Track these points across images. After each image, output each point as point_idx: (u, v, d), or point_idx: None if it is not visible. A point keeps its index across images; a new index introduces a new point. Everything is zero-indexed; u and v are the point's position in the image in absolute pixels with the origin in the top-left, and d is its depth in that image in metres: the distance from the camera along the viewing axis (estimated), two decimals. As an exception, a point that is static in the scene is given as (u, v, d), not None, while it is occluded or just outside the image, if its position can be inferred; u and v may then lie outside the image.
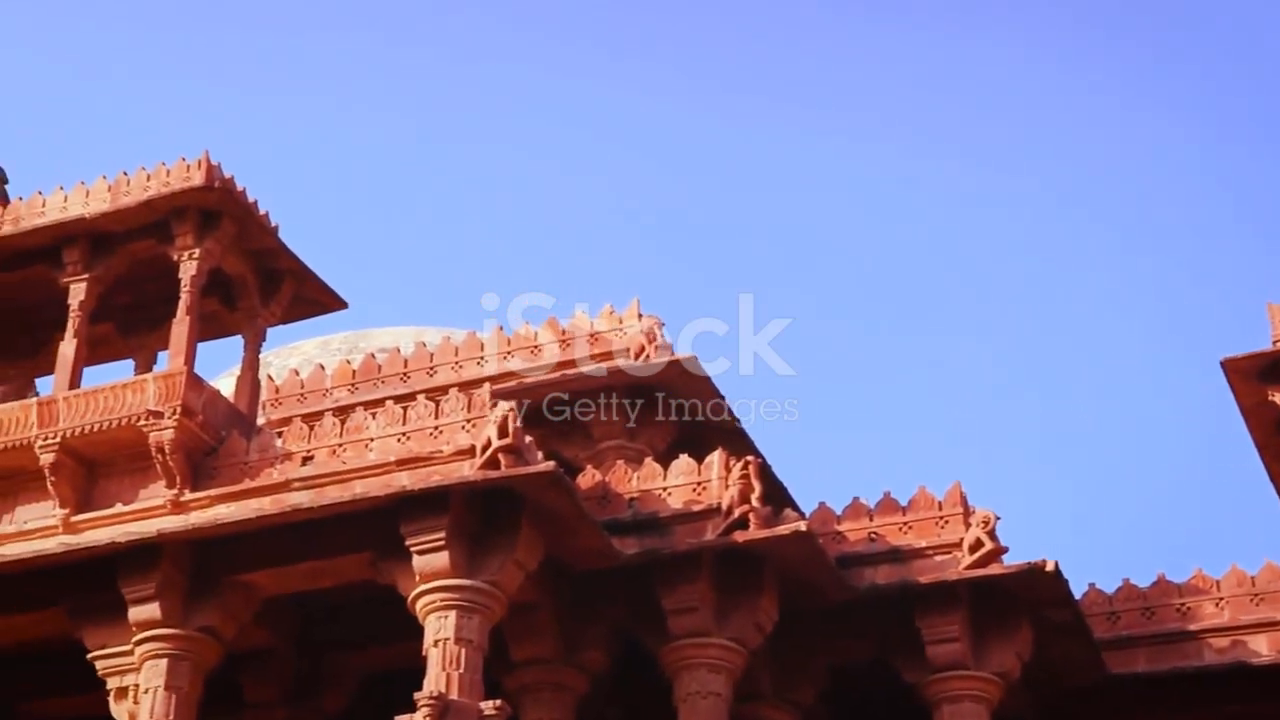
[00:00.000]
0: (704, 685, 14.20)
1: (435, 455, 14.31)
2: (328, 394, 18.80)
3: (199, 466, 15.25)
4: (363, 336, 22.41)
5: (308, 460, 14.87)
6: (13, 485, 15.67)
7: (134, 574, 14.17)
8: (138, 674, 14.15)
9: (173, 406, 15.06)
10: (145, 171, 16.06)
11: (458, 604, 13.41)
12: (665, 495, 14.92)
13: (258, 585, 14.42)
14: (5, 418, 15.58)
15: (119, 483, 15.50)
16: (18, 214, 16.44)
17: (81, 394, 15.52)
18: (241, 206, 16.00)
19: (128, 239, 16.17)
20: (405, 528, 13.60)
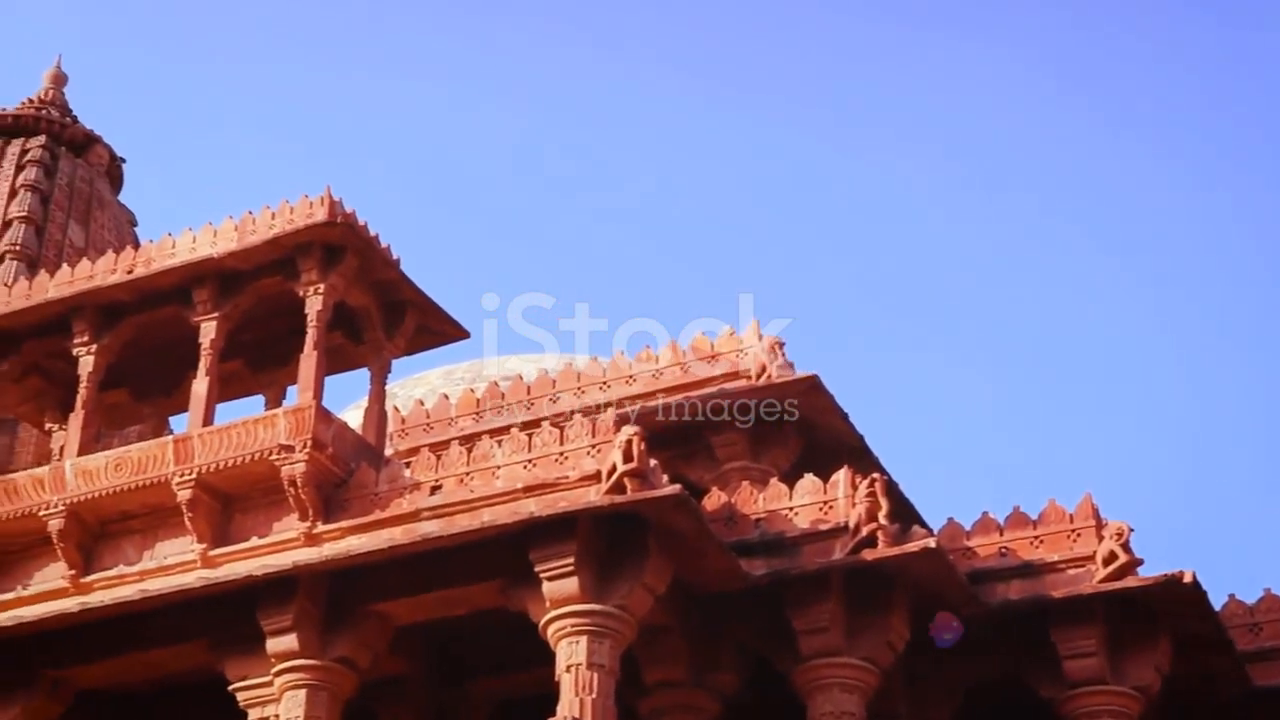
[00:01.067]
0: (837, 705, 14.12)
1: (561, 481, 14.40)
2: (453, 423, 19.01)
3: (330, 498, 15.46)
4: (486, 365, 22.61)
5: (436, 489, 15.03)
6: (152, 522, 15.98)
7: (271, 606, 14.41)
8: (278, 704, 14.37)
9: (303, 440, 15.28)
10: (270, 210, 16.35)
11: (588, 629, 13.48)
12: (792, 515, 14.89)
13: (391, 615, 14.59)
14: (143, 456, 15.90)
15: (254, 516, 15.74)
16: (149, 256, 16.80)
17: (215, 430, 15.79)
18: (363, 240, 16.22)
19: (255, 276, 16.43)
20: (534, 554, 13.70)
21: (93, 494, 15.96)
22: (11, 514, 16.21)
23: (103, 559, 16.10)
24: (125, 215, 28.40)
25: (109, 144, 28.61)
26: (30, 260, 25.74)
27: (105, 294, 16.77)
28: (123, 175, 29.04)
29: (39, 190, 26.70)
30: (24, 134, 27.70)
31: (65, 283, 17.11)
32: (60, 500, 15.99)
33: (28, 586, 16.16)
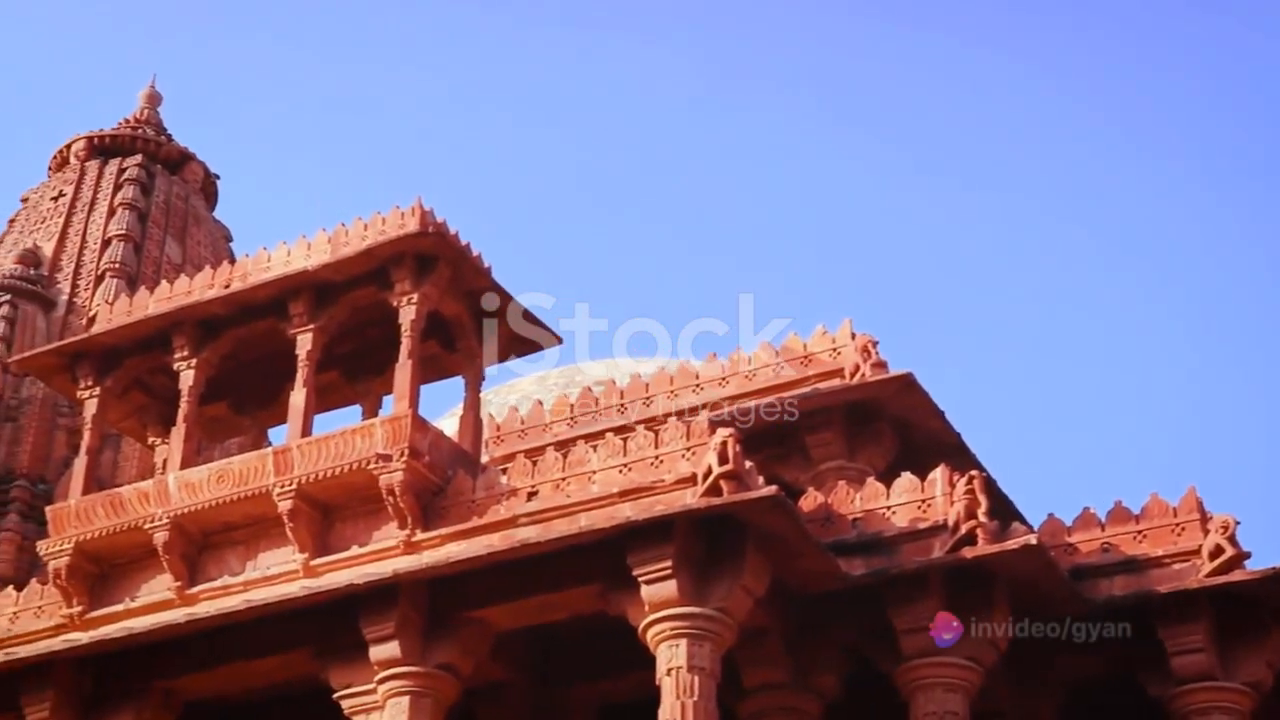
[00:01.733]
0: (941, 705, 14.00)
1: (657, 485, 14.39)
2: (548, 429, 19.07)
3: (428, 506, 15.55)
4: (578, 370, 22.65)
5: (532, 495, 15.07)
6: (254, 532, 16.16)
7: (373, 614, 14.52)
8: (382, 712, 14.48)
9: (400, 449, 15.38)
10: (362, 221, 16.48)
11: (688, 632, 13.47)
12: (889, 514, 14.79)
13: (491, 621, 14.66)
14: (244, 468, 16.09)
15: (353, 525, 15.87)
16: (245, 270, 16.99)
17: (313, 441, 15.94)
18: (455, 250, 16.30)
19: (349, 288, 16.55)
20: (632, 558, 13.70)
21: (196, 506, 16.18)
22: (118, 527, 16.46)
23: (207, 570, 16.31)
24: (220, 231, 28.81)
25: (203, 161, 29.06)
26: (130, 278, 26.19)
27: (203, 309, 16.99)
28: (217, 191, 29.47)
29: (137, 208, 27.15)
30: (121, 153, 28.19)
31: (164, 299, 17.35)
32: (165, 513, 16.22)
33: (135, 598, 16.40)
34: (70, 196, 27.39)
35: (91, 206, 27.24)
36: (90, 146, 28.23)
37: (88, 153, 28.12)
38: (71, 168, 28.02)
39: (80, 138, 28.37)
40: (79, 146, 28.24)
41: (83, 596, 16.54)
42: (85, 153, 28.10)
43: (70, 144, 28.46)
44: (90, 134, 28.36)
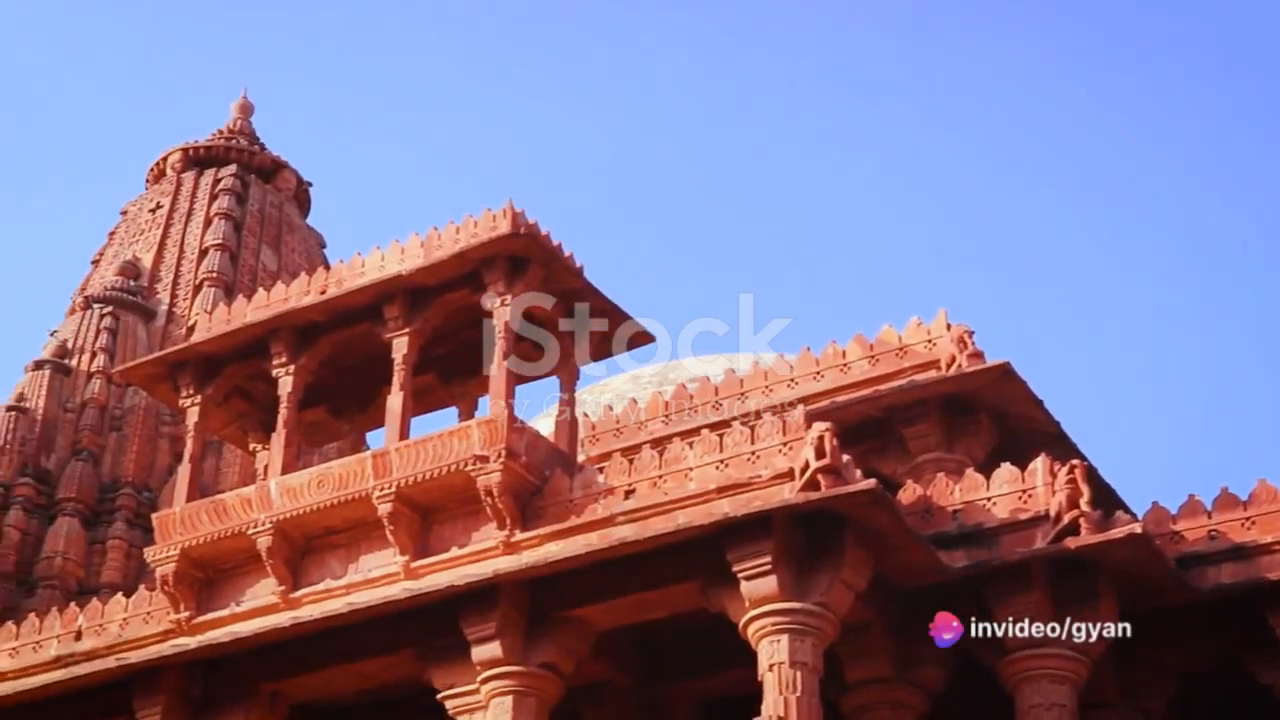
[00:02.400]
0: (1047, 697, 13.84)
1: (754, 480, 14.35)
2: (643, 427, 19.09)
3: (526, 507, 15.60)
4: (672, 368, 22.64)
5: (630, 494, 15.08)
6: (355, 535, 16.29)
7: (474, 615, 14.60)
8: (485, 712, 14.56)
9: (497, 450, 15.44)
10: (454, 225, 16.56)
11: (789, 627, 13.42)
12: (990, 505, 14.65)
13: (591, 620, 14.69)
14: (344, 472, 16.22)
15: (452, 527, 15.95)
16: (340, 276, 17.13)
17: (411, 444, 16.04)
18: (547, 250, 16.33)
19: (443, 291, 16.64)
20: (731, 554, 13.68)
21: (297, 511, 16.33)
22: (222, 533, 16.66)
23: (310, 574, 16.47)
24: (314, 237, 29.13)
25: (295, 169, 29.38)
26: (227, 286, 26.55)
27: (300, 315, 17.15)
28: (309, 198, 29.79)
29: (232, 218, 27.52)
30: (216, 164, 28.59)
31: (261, 306, 17.53)
32: (267, 518, 16.39)
33: (241, 603, 16.60)
34: (167, 208, 27.80)
35: (188, 217, 27.64)
36: (186, 158, 28.65)
37: (183, 164, 28.53)
38: (168, 179, 28.44)
39: (176, 150, 28.80)
40: (175, 158, 28.67)
41: (190, 602, 16.76)
42: (181, 164, 28.53)
43: (166, 156, 28.90)
44: (185, 146, 28.78)
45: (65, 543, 24.03)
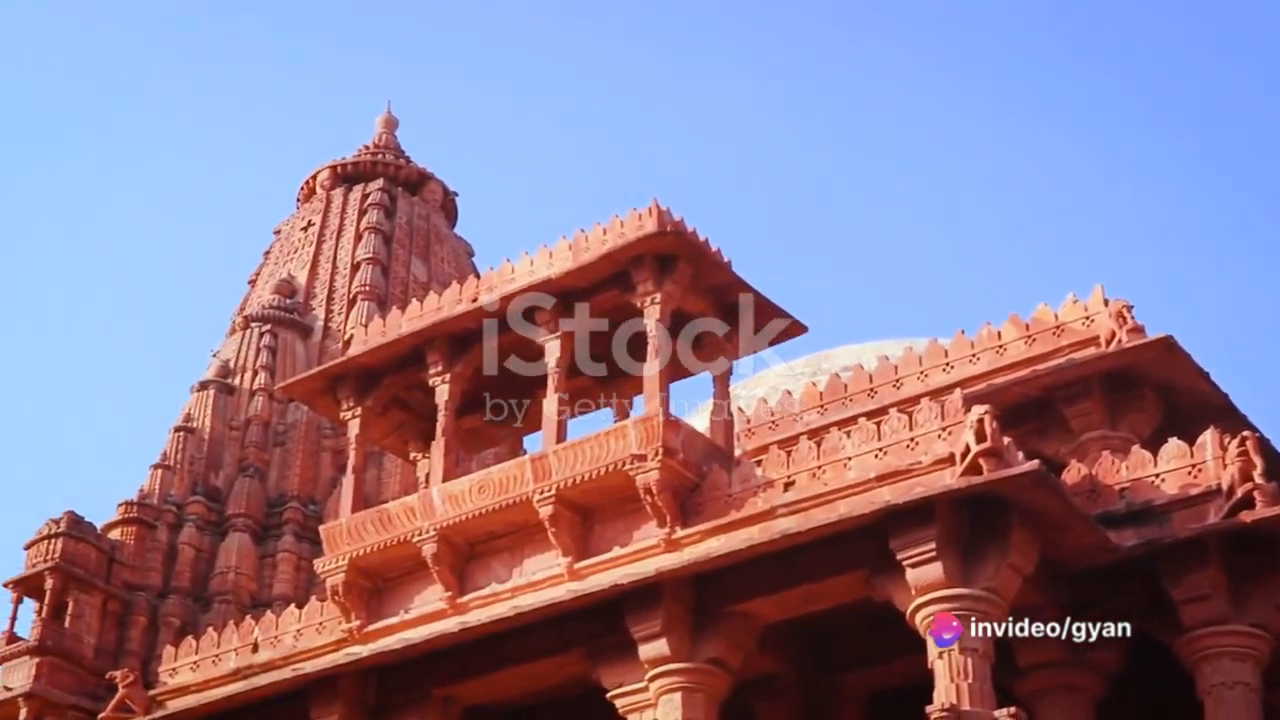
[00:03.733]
0: (1228, 675, 13.51)
1: (915, 467, 14.21)
2: (798, 418, 18.98)
3: (686, 503, 15.60)
4: (825, 358, 22.51)
5: (789, 486, 15.01)
6: (518, 539, 16.42)
7: (639, 613, 14.64)
8: (655, 709, 14.60)
9: (654, 448, 15.46)
10: (601, 226, 16.62)
11: (958, 614, 13.27)
12: (1158, 482, 14.34)
13: (756, 614, 14.66)
14: (504, 477, 16.36)
15: (613, 526, 16.00)
16: (491, 283, 17.27)
17: (569, 446, 16.12)
18: (694, 247, 16.32)
19: (593, 292, 16.69)
20: (894, 542, 13.56)
21: (460, 517, 16.51)
22: (388, 543, 16.90)
23: (475, 579, 16.64)
24: (462, 246, 29.46)
25: (441, 180, 29.74)
26: (380, 299, 26.97)
27: (454, 324, 17.31)
28: (456, 208, 30.14)
29: (381, 231, 27.94)
30: (363, 179, 29.05)
31: (415, 317, 17.74)
32: (431, 525, 16.58)
33: (410, 610, 16.82)
34: (319, 225, 28.31)
35: (339, 233, 28.12)
36: (334, 175, 29.15)
37: (332, 181, 29.04)
38: (318, 197, 28.96)
39: (324, 168, 29.32)
40: (324, 176, 29.19)
41: (360, 611, 17.03)
42: (330, 182, 29.03)
43: (316, 174, 29.44)
44: (333, 163, 29.28)
45: (237, 558, 24.58)
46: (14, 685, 22.11)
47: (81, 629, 22.80)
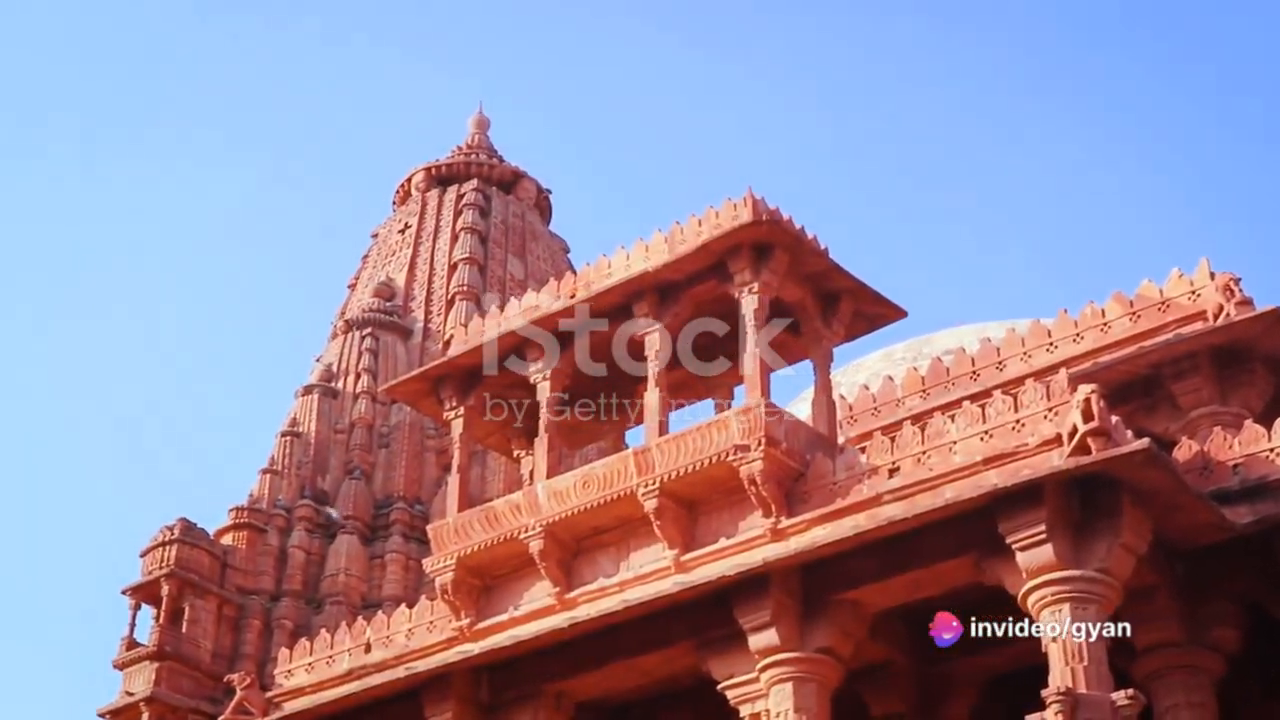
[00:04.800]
0: (1354, 652, 13.25)
1: (1021, 449, 14.06)
2: (900, 404, 18.86)
3: (790, 492, 15.55)
4: (925, 342, 22.34)
5: (894, 472, 14.91)
6: (623, 533, 16.44)
7: (748, 604, 14.62)
8: (767, 699, 14.56)
9: (757, 438, 15.43)
10: (696, 218, 16.60)
11: (1070, 596, 13.12)
12: (1273, 457, 14.07)
13: (865, 601, 14.58)
14: (607, 472, 16.39)
15: (718, 518, 15.98)
16: (588, 279, 17.31)
17: (671, 439, 16.11)
18: (790, 235, 16.25)
19: (690, 284, 16.68)
20: (1003, 525, 13.43)
21: (566, 513, 16.57)
22: (495, 540, 16.99)
23: (582, 574, 16.68)
24: (557, 243, 29.58)
25: (534, 178, 29.87)
26: (477, 298, 27.15)
27: (552, 321, 17.37)
28: (550, 205, 30.25)
29: (477, 231, 28.12)
30: (457, 180, 29.26)
31: (515, 315, 17.82)
32: (537, 522, 16.66)
33: (519, 607, 16.90)
34: (415, 227, 28.55)
35: (435, 235, 28.34)
36: (429, 177, 29.38)
37: (427, 184, 29.27)
38: (414, 200, 29.21)
39: (419, 170, 29.56)
40: (419, 179, 29.43)
41: (470, 609, 17.15)
42: (425, 184, 29.27)
43: (410, 177, 29.69)
44: (428, 165, 29.51)
45: (347, 560, 24.85)
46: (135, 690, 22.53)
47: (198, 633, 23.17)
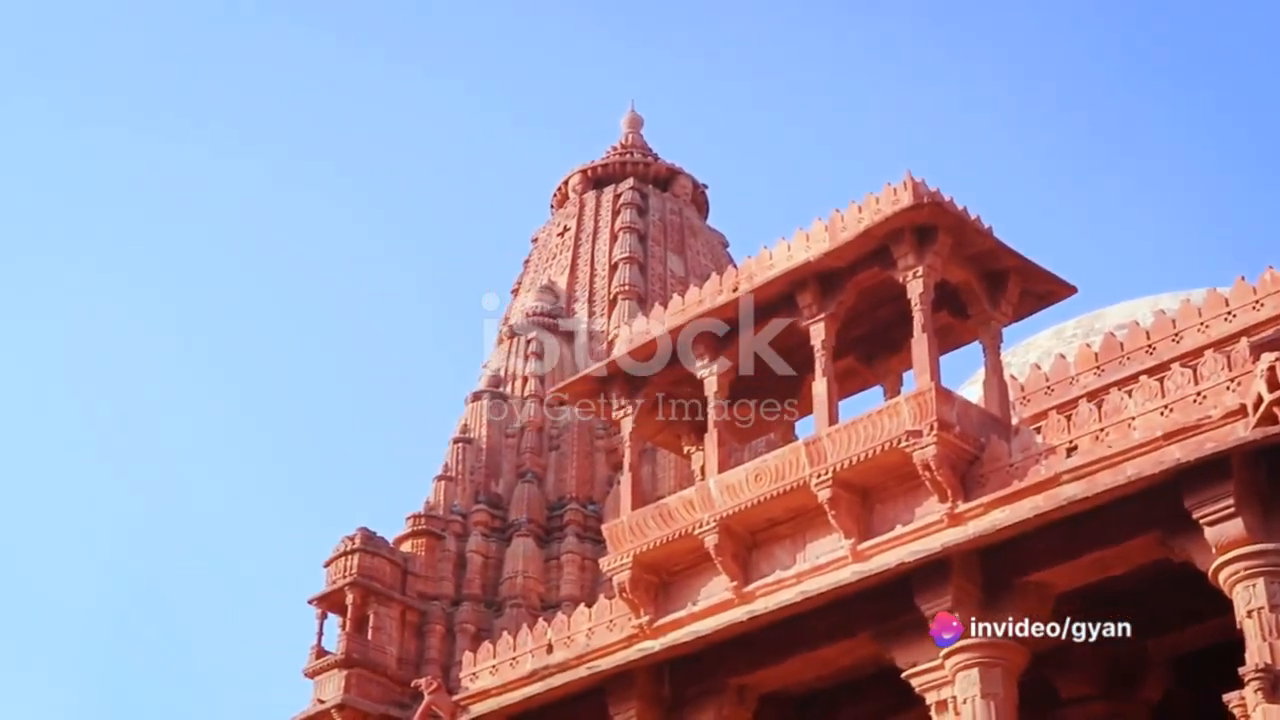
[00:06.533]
0: None
1: (1204, 422, 13.76)
2: (1074, 381, 18.53)
3: (965, 476, 15.40)
4: (1096, 317, 21.91)
5: (1071, 451, 14.69)
6: (799, 525, 16.41)
7: (928, 590, 14.50)
8: (952, 686, 14.42)
9: (929, 423, 15.29)
10: (856, 204, 16.49)
11: (1264, 570, 12.82)
12: None
13: (1048, 583, 14.38)
14: (779, 464, 16.36)
15: (893, 505, 15.88)
16: (750, 272, 17.29)
17: (842, 428, 16.05)
18: (953, 216, 16.07)
19: (853, 272, 16.59)
20: (1189, 500, 13.17)
21: (739, 507, 16.57)
22: (669, 537, 17.06)
23: (759, 567, 16.68)
24: (716, 238, 29.53)
25: (690, 173, 29.87)
26: (639, 297, 27.20)
27: (715, 315, 17.38)
28: (707, 200, 30.22)
29: (635, 230, 28.19)
30: (613, 180, 29.36)
31: (677, 312, 17.88)
32: (711, 517, 16.69)
33: (697, 602, 16.95)
34: (574, 229, 28.71)
35: (595, 235, 28.47)
36: (585, 179, 29.53)
37: (584, 185, 29.42)
38: (571, 202, 29.39)
39: (575, 172, 29.73)
40: (575, 181, 29.60)
41: (649, 606, 17.23)
42: (581, 186, 29.42)
43: (567, 180, 29.87)
44: (583, 167, 29.67)
45: (523, 562, 25.07)
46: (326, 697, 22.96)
47: (383, 640, 23.54)
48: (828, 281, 16.73)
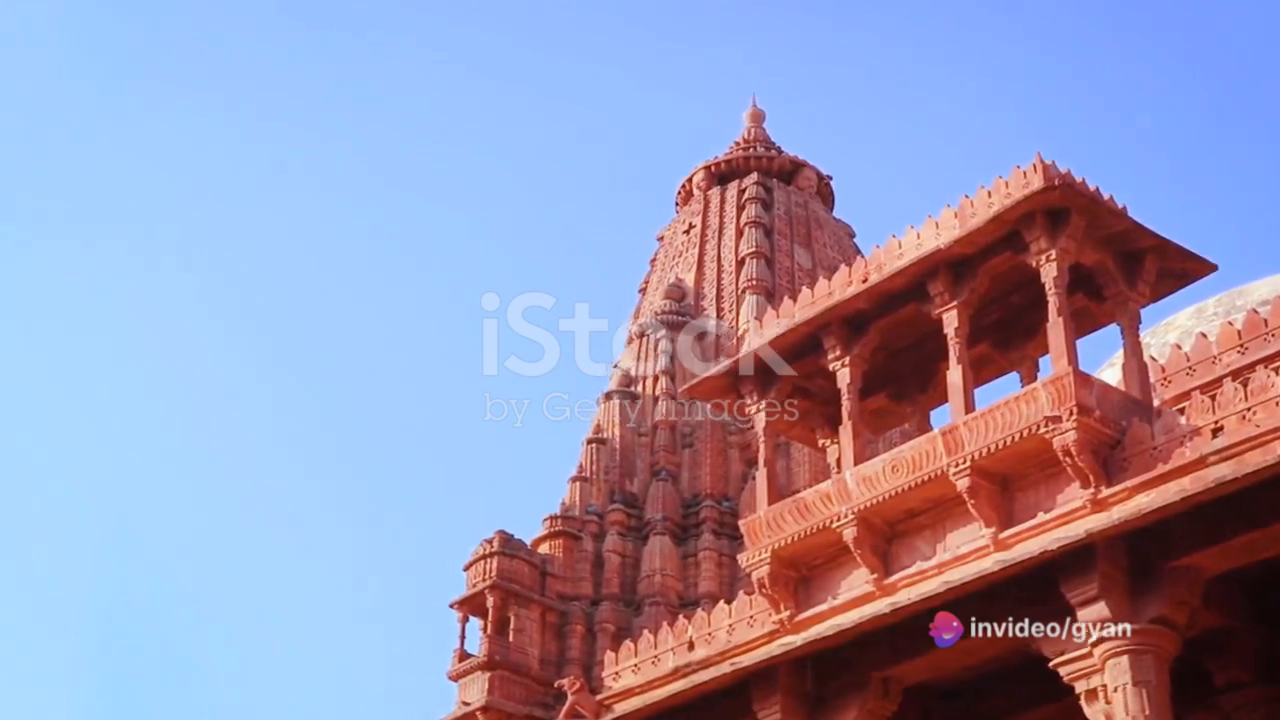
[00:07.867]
0: None
1: (1357, 395, 13.38)
2: (1217, 361, 18.11)
3: (1107, 460, 15.13)
4: (1238, 294, 21.41)
5: (1217, 432, 14.37)
6: (937, 515, 16.24)
7: (1073, 578, 14.24)
8: (1102, 674, 14.17)
9: (1068, 408, 15.05)
10: (984, 189, 16.28)
11: None
12: None
13: (1198, 567, 14.06)
14: (916, 454, 16.20)
15: (1034, 492, 15.65)
16: (879, 261, 17.15)
17: (979, 416, 15.85)
18: (1085, 197, 15.80)
19: (984, 257, 16.38)
20: (1344, 477, 12.79)
21: (876, 498, 16.44)
22: (807, 531, 16.98)
23: (899, 558, 16.53)
24: (842, 229, 29.38)
25: (814, 165, 29.74)
26: (767, 291, 27.15)
27: (847, 307, 17.27)
28: (832, 191, 30.08)
29: (761, 225, 28.14)
30: (737, 176, 29.34)
31: (807, 305, 17.78)
32: (848, 510, 16.58)
33: (837, 596, 16.84)
34: (699, 226, 28.73)
35: (720, 231, 28.47)
36: (709, 175, 29.54)
37: (708, 182, 29.43)
38: (696, 199, 29.40)
39: (699, 169, 29.75)
40: (699, 178, 29.62)
41: (789, 601, 17.16)
42: (705, 182, 29.43)
43: (691, 177, 29.90)
44: (707, 164, 29.68)
45: (661, 560, 25.13)
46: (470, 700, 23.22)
47: (524, 641, 23.75)
48: (959, 268, 16.52)
